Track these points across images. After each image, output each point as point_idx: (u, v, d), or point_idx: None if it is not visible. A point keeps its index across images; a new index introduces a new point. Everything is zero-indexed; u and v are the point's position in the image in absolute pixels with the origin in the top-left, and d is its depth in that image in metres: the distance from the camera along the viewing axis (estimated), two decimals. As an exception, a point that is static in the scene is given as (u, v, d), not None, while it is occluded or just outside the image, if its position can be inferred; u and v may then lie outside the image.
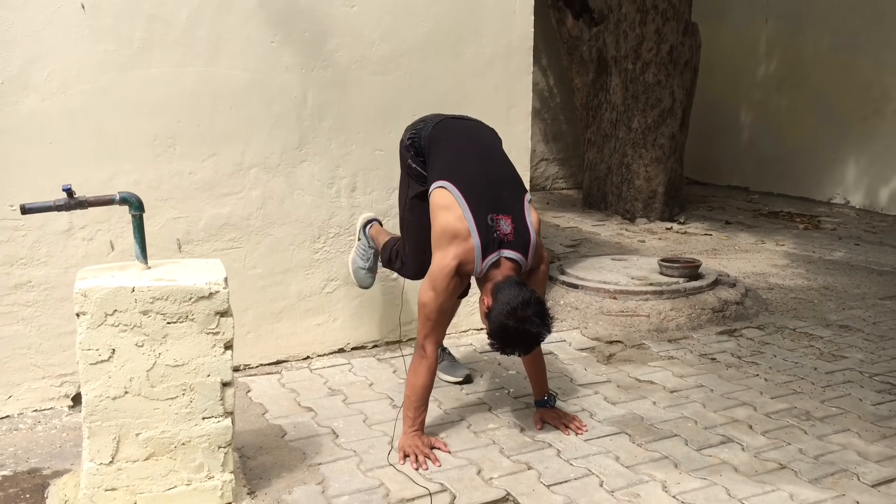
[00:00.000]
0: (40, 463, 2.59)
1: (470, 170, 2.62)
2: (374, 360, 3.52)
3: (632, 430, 2.87)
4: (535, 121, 8.32)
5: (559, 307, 4.21)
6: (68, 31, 2.81)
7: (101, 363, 2.12)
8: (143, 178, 2.98)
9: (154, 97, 2.99)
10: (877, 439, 2.83)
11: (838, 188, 7.77)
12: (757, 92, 8.46)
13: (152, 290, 2.12)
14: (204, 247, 3.17)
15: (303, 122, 3.30)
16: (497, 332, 2.43)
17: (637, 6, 6.67)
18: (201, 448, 2.24)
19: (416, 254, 2.92)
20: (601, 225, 6.79)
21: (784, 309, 4.45)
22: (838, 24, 7.55)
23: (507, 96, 3.79)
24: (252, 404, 3.04)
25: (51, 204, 2.16)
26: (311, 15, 3.24)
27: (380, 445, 2.72)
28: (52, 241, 2.88)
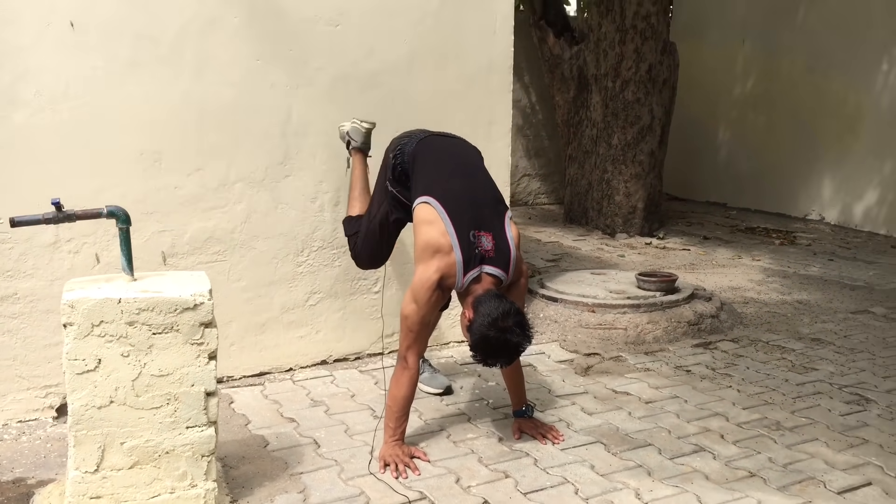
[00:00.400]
0: (25, 473, 2.63)
1: (452, 187, 2.70)
2: (356, 372, 3.57)
3: (607, 440, 2.95)
4: (518, 137, 8.44)
5: (539, 320, 4.28)
6: (57, 48, 2.87)
7: (88, 373, 2.17)
8: (130, 192, 3.03)
9: (141, 113, 3.05)
10: (844, 448, 2.92)
11: (814, 205, 7.92)
12: (734, 110, 8.63)
13: (138, 301, 2.18)
14: (189, 260, 3.22)
15: (287, 138, 3.37)
16: (479, 343, 2.50)
17: (616, 26, 6.81)
18: (185, 457, 2.28)
19: (368, 256, 3.21)
20: (582, 240, 6.89)
21: (758, 322, 4.55)
22: (813, 45, 7.73)
23: (489, 113, 3.87)
24: (235, 415, 3.09)
25: (39, 217, 2.21)
26: (296, 33, 3.32)
27: (361, 455, 2.77)
28: (38, 253, 2.93)
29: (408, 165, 2.87)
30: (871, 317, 4.69)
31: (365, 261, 3.25)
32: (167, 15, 3.04)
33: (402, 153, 2.90)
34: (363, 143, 3.30)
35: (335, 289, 3.60)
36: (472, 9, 3.74)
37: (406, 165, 2.88)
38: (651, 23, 6.78)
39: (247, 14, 3.20)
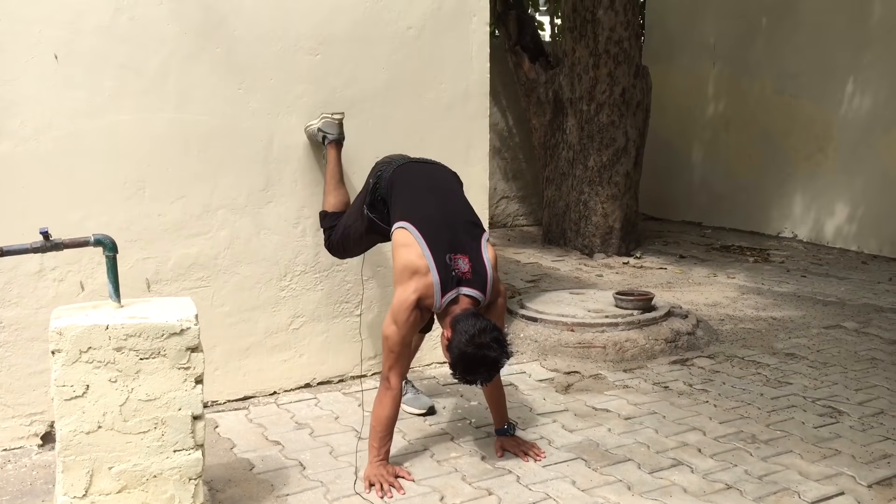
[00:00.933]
0: (11, 501, 2.64)
1: (429, 212, 2.78)
2: (339, 395, 3.61)
3: (588, 456, 3.01)
4: (496, 160, 8.55)
5: (519, 340, 4.35)
6: (42, 79, 2.92)
7: (76, 399, 2.20)
8: (114, 220, 3.08)
9: (124, 142, 3.10)
10: (817, 460, 3.00)
11: (786, 222, 8.09)
12: (707, 131, 8.82)
13: (125, 327, 2.22)
14: (173, 286, 3.26)
15: (269, 165, 3.43)
16: (458, 360, 2.56)
17: (590, 51, 6.96)
18: (172, 480, 2.32)
19: (342, 252, 3.37)
20: (560, 260, 6.98)
21: (734, 339, 4.64)
22: (781, 67, 7.94)
23: (466, 138, 3.96)
24: (220, 439, 3.11)
25: (27, 246, 2.25)
26: (276, 63, 3.39)
27: (346, 476, 2.81)
28: (23, 282, 2.96)
29: (385, 192, 2.95)
30: (844, 331, 4.81)
31: (338, 254, 3.41)
32: (149, 47, 3.11)
33: (381, 178, 2.98)
34: (339, 134, 3.40)
35: (318, 312, 3.65)
36: (449, 37, 3.84)
37: (384, 192, 2.96)
38: (623, 47, 6.94)
39: (227, 45, 3.27)
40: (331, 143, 3.39)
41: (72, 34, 2.96)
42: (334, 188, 3.37)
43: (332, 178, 3.38)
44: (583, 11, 6.96)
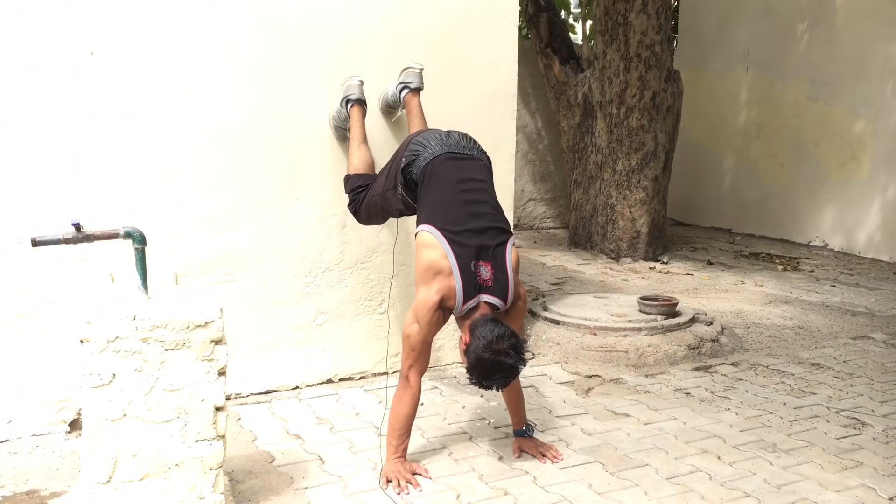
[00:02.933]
0: (38, 484, 2.71)
1: (455, 218, 2.78)
2: (361, 391, 3.65)
3: (605, 460, 3.01)
4: (524, 162, 8.56)
5: (541, 342, 4.36)
6: (77, 73, 2.99)
7: (103, 387, 2.26)
8: (145, 214, 3.14)
9: (158, 137, 3.16)
10: (838, 470, 2.98)
11: (817, 231, 7.99)
12: (738, 137, 8.74)
13: (152, 318, 2.27)
14: (200, 280, 3.32)
15: (298, 163, 3.48)
16: (475, 365, 2.58)
17: (621, 54, 6.94)
18: (194, 469, 2.36)
19: (366, 220, 3.40)
20: (586, 264, 6.97)
21: (758, 347, 4.60)
22: (814, 74, 7.85)
23: (492, 139, 3.96)
24: (242, 431, 3.17)
25: (60, 237, 2.32)
26: (309, 62, 3.44)
27: (364, 471, 2.84)
28: (55, 272, 3.03)
29: (417, 178, 2.97)
30: (871, 342, 4.74)
31: (362, 221, 3.43)
32: (182, 44, 3.17)
33: (414, 164, 2.97)
34: (360, 94, 3.44)
35: (341, 309, 3.69)
36: (478, 39, 3.86)
37: (415, 177, 2.97)
38: (655, 51, 6.91)
39: (261, 43, 3.33)
40: (353, 106, 3.42)
41: (109, 31, 3.02)
42: (357, 149, 3.39)
43: (356, 139, 3.40)
44: (615, 15, 6.94)
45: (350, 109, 3.43)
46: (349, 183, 3.39)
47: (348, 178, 3.41)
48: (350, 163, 3.42)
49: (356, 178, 3.35)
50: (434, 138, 3.01)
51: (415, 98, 3.48)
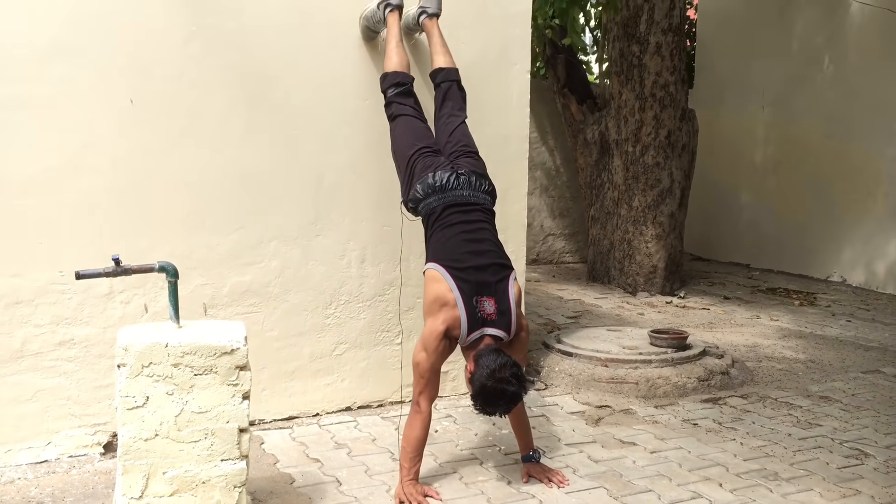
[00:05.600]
0: (75, 502, 2.90)
1: (459, 256, 2.99)
2: (378, 419, 3.81)
3: (610, 485, 3.14)
4: (543, 197, 8.75)
5: (554, 373, 4.50)
6: (117, 122, 3.24)
7: (137, 409, 2.45)
8: (176, 249, 3.36)
9: (189, 178, 3.40)
10: (836, 498, 3.07)
11: (835, 267, 8.05)
12: (755, 174, 8.86)
13: (183, 345, 2.47)
14: (227, 310, 3.52)
15: (318, 200, 3.70)
16: (479, 392, 2.76)
17: (636, 94, 7.14)
18: (219, 487, 2.54)
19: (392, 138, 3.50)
20: (603, 298, 7.09)
21: (769, 380, 4.70)
22: (830, 112, 7.98)
23: (506, 177, 4.15)
24: (265, 455, 3.34)
25: (101, 271, 2.54)
26: (329, 107, 3.68)
27: (379, 493, 3.00)
28: (93, 303, 3.26)
29: (422, 216, 3.20)
30: (882, 376, 4.81)
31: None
32: (214, 93, 3.42)
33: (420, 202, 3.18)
34: (400, 1, 3.61)
35: (360, 340, 3.87)
36: (491, 84, 4.08)
37: (420, 213, 3.21)
38: (669, 91, 7.10)
39: (285, 91, 3.57)
40: (392, 11, 3.60)
41: (144, 81, 3.28)
42: (394, 49, 3.55)
43: (392, 40, 3.57)
44: (629, 56, 7.15)
45: (388, 14, 3.61)
46: (386, 80, 3.53)
47: (385, 76, 3.55)
48: (387, 62, 3.58)
49: (393, 75, 3.50)
50: (442, 181, 3.15)
51: (433, 23, 3.66)
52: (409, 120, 3.39)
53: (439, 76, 3.58)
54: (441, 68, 3.59)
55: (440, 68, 3.59)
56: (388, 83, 3.51)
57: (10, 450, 3.17)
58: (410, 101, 3.47)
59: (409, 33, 3.84)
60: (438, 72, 3.59)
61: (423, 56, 3.86)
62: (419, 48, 3.88)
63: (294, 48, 3.59)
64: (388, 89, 3.50)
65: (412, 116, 3.41)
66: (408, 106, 3.43)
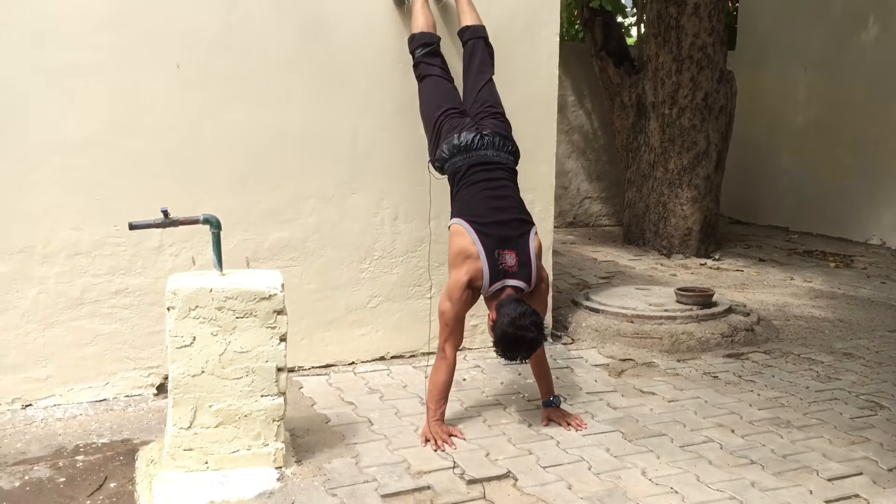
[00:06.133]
0: (131, 435, 3.19)
1: (482, 212, 3.16)
2: (410, 367, 4.04)
3: (625, 429, 3.31)
4: (580, 160, 8.84)
5: (581, 329, 4.66)
6: (165, 85, 3.47)
7: (185, 347, 2.70)
8: (221, 206, 3.58)
9: (232, 139, 3.62)
10: (845, 445, 3.20)
11: (875, 229, 8.00)
12: (796, 137, 8.79)
13: (225, 290, 2.70)
14: (268, 264, 3.76)
15: (353, 161, 3.89)
16: (500, 339, 2.95)
17: (673, 56, 7.14)
18: (259, 420, 2.79)
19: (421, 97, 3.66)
20: (638, 260, 7.19)
21: (794, 337, 4.79)
22: (872, 73, 7.87)
23: (534, 138, 4.28)
24: (303, 398, 3.59)
25: (152, 222, 2.78)
26: (363, 71, 3.85)
27: (407, 432, 3.22)
28: (146, 255, 3.52)
29: (448, 173, 3.37)
30: (909, 335, 4.87)
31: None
32: (255, 57, 3.62)
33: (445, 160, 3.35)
34: None
35: (393, 294, 4.08)
36: (521, 46, 4.19)
37: (447, 171, 3.38)
38: (707, 53, 7.09)
39: (322, 55, 3.75)
40: None
41: (189, 46, 3.49)
42: (420, 10, 3.72)
43: (418, 2, 3.75)
44: (667, 18, 7.15)
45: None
46: (414, 41, 3.70)
47: (413, 38, 3.72)
48: (414, 23, 3.75)
49: (421, 35, 3.68)
50: (467, 141, 3.31)
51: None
52: (437, 80, 3.55)
53: (466, 34, 3.73)
54: (468, 26, 3.73)
55: (467, 26, 3.73)
56: (415, 44, 3.66)
57: (72, 389, 3.47)
58: (437, 60, 3.62)
59: None
60: (465, 30, 3.74)
61: (452, 18, 3.99)
62: (448, 11, 4.01)
63: (329, 14, 3.75)
64: (416, 50, 3.65)
65: (439, 77, 3.56)
66: (435, 66, 3.59)
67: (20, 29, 3.22)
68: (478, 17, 3.78)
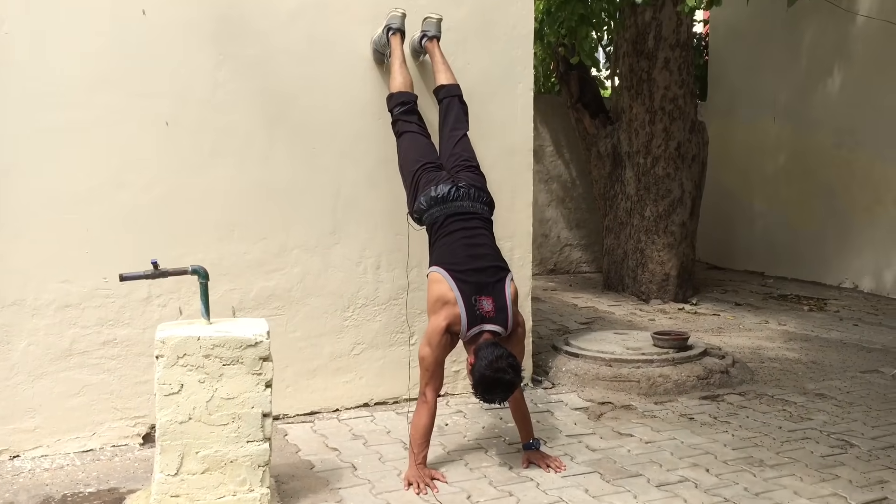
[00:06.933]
0: (118, 484, 3.23)
1: (459, 260, 3.30)
2: (393, 413, 4.11)
3: (603, 470, 3.40)
4: (560, 209, 9.04)
5: (560, 373, 4.76)
6: (155, 142, 3.60)
7: (173, 395, 2.78)
8: (207, 257, 3.69)
9: (219, 192, 3.74)
10: (816, 482, 3.30)
11: (847, 273, 8.21)
12: (768, 184, 9.06)
13: (213, 338, 2.79)
14: (253, 314, 3.85)
15: (336, 212, 4.02)
16: (479, 381, 3.05)
17: (646, 108, 7.40)
18: (245, 465, 2.85)
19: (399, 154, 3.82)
20: (617, 305, 7.33)
21: (768, 379, 4.91)
22: (839, 122, 8.17)
23: (511, 188, 4.45)
24: (288, 445, 3.65)
25: (142, 273, 2.88)
26: (345, 126, 4.01)
27: (390, 476, 3.29)
28: (134, 306, 3.60)
29: (427, 225, 3.51)
30: (880, 376, 5.00)
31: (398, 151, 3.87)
32: (241, 114, 3.76)
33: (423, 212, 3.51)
34: (401, 25, 3.95)
35: (376, 341, 4.18)
36: (497, 102, 4.38)
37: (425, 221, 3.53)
38: (678, 104, 7.35)
39: (304, 112, 3.91)
40: (394, 34, 3.93)
41: (178, 105, 3.64)
42: (398, 70, 3.89)
43: (396, 61, 3.90)
44: (639, 71, 7.43)
45: (391, 37, 3.94)
46: (392, 100, 3.87)
47: (391, 97, 3.88)
48: (392, 83, 3.91)
49: (399, 95, 3.84)
50: (443, 193, 3.48)
51: (434, 45, 4.01)
52: (414, 136, 3.71)
53: (441, 92, 3.91)
54: (443, 85, 3.91)
55: (442, 85, 3.92)
56: (393, 102, 3.84)
57: (60, 439, 3.51)
58: (415, 118, 3.80)
59: (415, 55, 4.17)
60: (441, 88, 3.92)
61: (428, 75, 4.18)
62: (425, 67, 4.19)
63: (312, 73, 3.92)
64: (395, 108, 3.82)
65: (416, 133, 3.73)
66: (412, 123, 3.76)
67: (17, 90, 3.35)
68: (452, 77, 3.97)
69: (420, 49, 4.10)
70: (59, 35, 3.40)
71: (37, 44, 3.37)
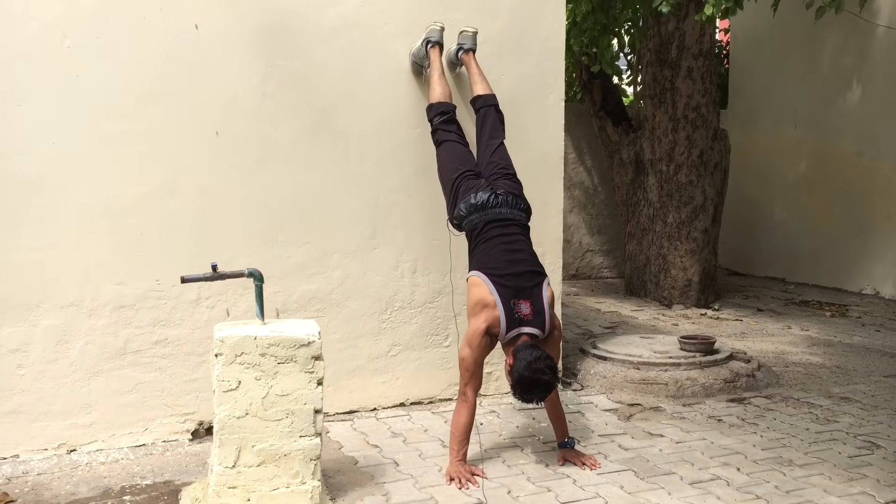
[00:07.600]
0: (172, 476, 3.38)
1: (498, 265, 3.43)
2: (429, 413, 4.24)
3: (637, 468, 3.51)
4: (582, 215, 9.14)
5: (589, 376, 4.88)
6: (205, 150, 3.76)
7: (231, 391, 2.92)
8: (254, 260, 3.83)
9: (265, 198, 3.90)
10: (844, 481, 3.40)
11: (868, 280, 8.27)
12: (789, 191, 9.13)
13: (269, 338, 2.94)
14: (296, 315, 4.00)
15: (376, 218, 4.17)
16: (517, 382, 3.18)
17: (669, 116, 7.51)
18: (298, 459, 2.99)
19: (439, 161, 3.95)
20: (640, 310, 7.43)
21: (793, 382, 5.01)
22: (860, 130, 8.24)
23: (543, 196, 4.57)
24: (331, 441, 3.79)
25: (201, 275, 3.03)
26: (385, 135, 4.15)
27: (432, 472, 3.42)
28: (184, 308, 3.76)
29: (468, 231, 3.64)
30: (903, 380, 5.09)
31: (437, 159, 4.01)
32: (285, 123, 3.92)
33: (463, 219, 3.64)
34: (439, 38, 4.10)
35: (412, 342, 4.32)
36: (529, 111, 4.51)
37: (464, 228, 3.66)
38: (701, 113, 7.46)
39: (346, 121, 4.06)
40: (433, 47, 4.08)
41: (228, 114, 3.80)
42: (437, 81, 4.03)
43: (435, 73, 4.05)
44: (662, 80, 7.54)
45: (429, 50, 4.09)
46: (432, 110, 4.01)
47: (431, 107, 4.03)
48: (431, 94, 4.06)
49: (437, 105, 3.99)
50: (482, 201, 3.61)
51: (470, 57, 4.16)
52: (453, 146, 3.85)
53: (478, 102, 4.05)
54: (479, 95, 4.06)
55: (479, 95, 4.06)
56: (433, 112, 3.98)
57: (114, 434, 3.67)
58: (454, 127, 3.94)
59: (452, 67, 4.31)
60: (477, 98, 4.06)
61: (465, 87, 4.32)
62: (462, 79, 4.34)
63: (353, 84, 4.07)
64: (434, 118, 3.96)
65: (455, 142, 3.87)
66: (451, 132, 3.90)
67: (80, 101, 3.52)
68: (488, 87, 4.11)
69: (456, 61, 4.24)
70: (116, 49, 3.57)
71: (96, 57, 3.54)
